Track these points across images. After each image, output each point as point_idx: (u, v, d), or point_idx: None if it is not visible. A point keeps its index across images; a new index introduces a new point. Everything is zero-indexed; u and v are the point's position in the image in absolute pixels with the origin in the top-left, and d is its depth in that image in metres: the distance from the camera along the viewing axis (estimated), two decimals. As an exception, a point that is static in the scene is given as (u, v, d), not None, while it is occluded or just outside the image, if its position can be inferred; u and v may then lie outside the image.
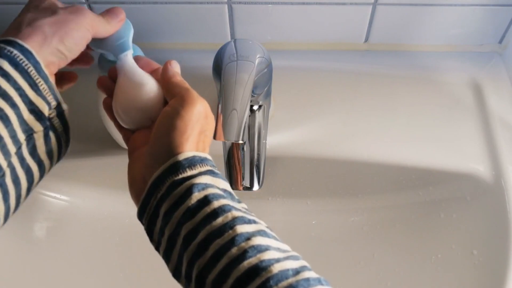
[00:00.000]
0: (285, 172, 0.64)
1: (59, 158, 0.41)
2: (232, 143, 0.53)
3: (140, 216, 0.38)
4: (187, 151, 0.37)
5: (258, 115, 0.54)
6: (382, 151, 0.61)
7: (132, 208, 0.71)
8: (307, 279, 0.31)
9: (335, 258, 0.63)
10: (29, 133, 0.36)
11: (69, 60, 0.41)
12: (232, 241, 0.32)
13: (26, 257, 0.61)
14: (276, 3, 0.62)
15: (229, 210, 0.34)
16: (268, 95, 0.56)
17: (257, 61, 0.49)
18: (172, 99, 0.40)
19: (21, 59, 0.36)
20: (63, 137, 0.40)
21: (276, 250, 0.33)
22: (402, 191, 0.64)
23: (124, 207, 0.68)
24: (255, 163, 0.53)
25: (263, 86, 0.53)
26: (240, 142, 0.44)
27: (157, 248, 0.38)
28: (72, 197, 0.66)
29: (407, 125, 0.63)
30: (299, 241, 0.53)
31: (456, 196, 0.62)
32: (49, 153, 0.39)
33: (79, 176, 0.65)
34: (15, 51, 0.36)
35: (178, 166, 0.36)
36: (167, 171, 0.36)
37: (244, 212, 0.35)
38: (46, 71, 0.37)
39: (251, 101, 0.52)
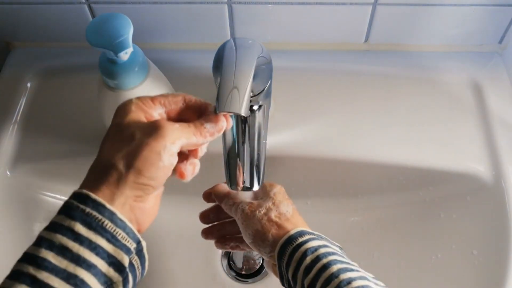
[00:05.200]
0: (285, 172, 0.64)
1: None
2: (234, 141, 0.53)
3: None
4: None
5: (258, 115, 0.54)
6: (382, 151, 0.61)
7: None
8: None
9: (335, 258, 0.63)
10: (108, 283, 0.35)
11: (159, 186, 0.39)
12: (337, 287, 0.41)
13: (26, 257, 0.61)
14: (276, 3, 0.62)
15: (335, 264, 0.43)
16: (268, 95, 0.56)
17: (256, 57, 0.49)
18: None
19: (94, 216, 0.35)
20: (139, 271, 0.39)
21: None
22: (402, 191, 0.64)
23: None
24: (255, 163, 0.53)
25: (263, 84, 0.53)
26: (243, 115, 0.44)
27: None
28: (72, 197, 0.66)
29: (407, 125, 0.63)
30: (299, 241, 0.53)
31: (456, 196, 0.62)
32: None
33: (79, 176, 0.64)
34: (87, 209, 0.35)
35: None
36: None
37: (347, 263, 0.44)
38: (124, 218, 0.36)
39: (250, 101, 0.52)
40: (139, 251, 0.38)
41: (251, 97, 0.52)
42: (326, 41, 0.68)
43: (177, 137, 0.38)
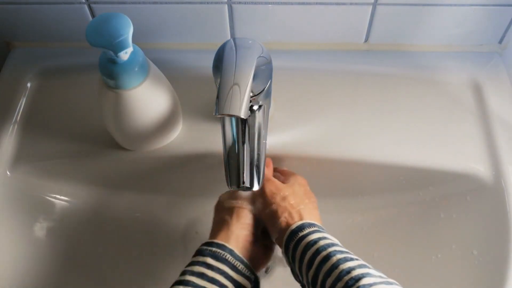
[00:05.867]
0: (285, 172, 0.64)
1: None
2: (234, 141, 0.53)
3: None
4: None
5: (258, 115, 0.54)
6: (382, 151, 0.61)
7: (131, 208, 0.72)
8: None
9: (335, 258, 0.63)
10: None
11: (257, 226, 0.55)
12: (338, 278, 0.44)
13: (26, 257, 0.61)
14: (276, 3, 0.62)
15: (334, 255, 0.46)
16: (268, 95, 0.56)
17: (256, 57, 0.49)
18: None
19: (219, 253, 0.49)
20: None
21: (372, 277, 0.43)
22: (402, 191, 0.64)
23: (124, 207, 0.68)
24: (255, 163, 0.53)
25: (263, 84, 0.53)
26: (242, 117, 0.44)
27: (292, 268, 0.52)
28: (72, 197, 0.66)
29: (407, 125, 0.63)
30: (299, 241, 0.53)
31: (456, 196, 0.62)
32: None
33: (79, 176, 0.65)
34: (214, 248, 0.50)
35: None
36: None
37: (347, 253, 0.46)
38: (241, 255, 0.50)
39: (250, 101, 0.52)
40: (257, 283, 0.51)
41: (251, 97, 0.52)
42: (326, 41, 0.68)
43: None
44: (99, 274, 0.64)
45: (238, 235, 0.52)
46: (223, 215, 0.55)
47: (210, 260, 0.48)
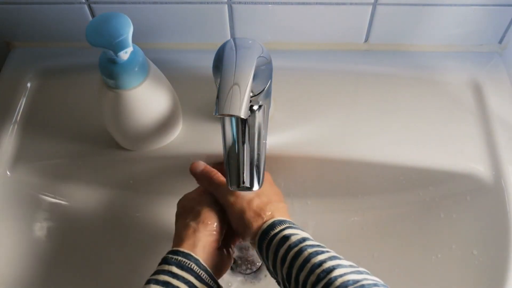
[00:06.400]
0: (285, 172, 0.64)
1: None
2: (234, 141, 0.53)
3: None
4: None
5: (258, 115, 0.54)
6: (382, 151, 0.61)
7: (131, 208, 0.72)
8: (362, 286, 0.42)
9: (335, 258, 0.63)
10: None
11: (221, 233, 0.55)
12: (310, 271, 0.45)
13: (26, 256, 0.61)
14: (276, 3, 0.62)
15: (305, 250, 0.47)
16: (268, 95, 0.56)
17: (256, 57, 0.49)
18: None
19: (184, 262, 0.49)
20: None
21: (343, 268, 0.44)
22: (402, 191, 0.64)
23: (123, 207, 0.68)
24: (255, 163, 0.53)
25: (263, 84, 0.53)
26: (242, 117, 0.44)
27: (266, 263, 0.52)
28: (72, 197, 0.66)
29: (407, 125, 0.63)
30: (299, 241, 0.53)
31: (456, 196, 0.62)
32: None
33: (79, 176, 0.65)
34: (179, 258, 0.50)
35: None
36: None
37: (318, 246, 0.47)
38: (205, 264, 0.51)
39: (250, 101, 0.52)
40: None
41: (251, 97, 0.52)
42: (326, 41, 0.68)
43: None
44: (98, 273, 0.64)
45: (205, 243, 0.52)
46: (188, 221, 0.54)
47: (175, 269, 0.49)
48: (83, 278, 0.64)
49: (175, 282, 0.48)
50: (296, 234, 0.49)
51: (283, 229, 0.50)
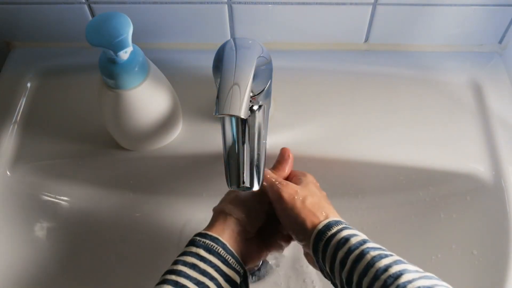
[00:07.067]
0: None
1: None
2: (234, 141, 0.53)
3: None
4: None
5: (258, 115, 0.54)
6: (382, 151, 0.61)
7: (131, 208, 0.72)
8: None
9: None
10: None
11: (252, 226, 0.54)
12: (375, 277, 0.42)
13: (26, 257, 0.61)
14: (276, 3, 0.62)
15: (367, 253, 0.44)
16: (268, 95, 0.56)
17: (256, 57, 0.49)
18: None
19: (212, 245, 0.49)
20: None
21: (410, 273, 0.42)
22: (402, 191, 0.64)
23: (124, 207, 0.68)
24: (255, 163, 0.53)
25: (263, 84, 0.53)
26: (242, 117, 0.44)
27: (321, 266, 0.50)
28: (72, 197, 0.66)
29: (407, 125, 0.63)
30: (299, 241, 0.53)
31: (456, 196, 0.62)
32: None
33: (79, 176, 0.65)
34: (207, 241, 0.49)
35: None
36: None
37: (380, 249, 0.45)
38: (232, 249, 0.50)
39: (250, 101, 0.52)
40: (245, 278, 0.51)
41: (251, 97, 0.52)
42: (326, 41, 0.68)
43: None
44: (98, 273, 0.64)
45: (233, 230, 0.52)
46: (223, 206, 0.54)
47: (203, 252, 0.48)
48: (83, 278, 0.64)
49: (202, 265, 0.48)
50: (356, 235, 0.47)
51: (340, 230, 0.48)
